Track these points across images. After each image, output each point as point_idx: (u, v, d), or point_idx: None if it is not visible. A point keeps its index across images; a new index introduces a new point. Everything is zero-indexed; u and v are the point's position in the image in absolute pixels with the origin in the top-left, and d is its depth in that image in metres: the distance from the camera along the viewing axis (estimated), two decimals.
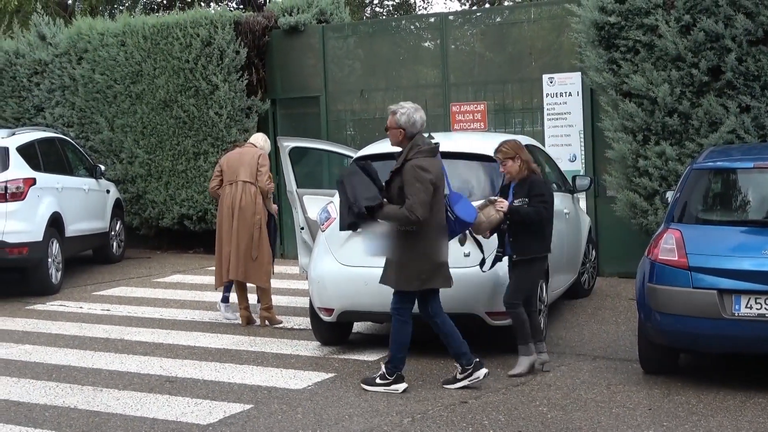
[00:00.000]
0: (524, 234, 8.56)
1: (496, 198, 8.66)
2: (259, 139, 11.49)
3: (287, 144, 11.27)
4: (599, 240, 13.23)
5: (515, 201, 8.54)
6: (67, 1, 29.04)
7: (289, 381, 8.66)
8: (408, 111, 8.14)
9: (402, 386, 8.22)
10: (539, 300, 9.36)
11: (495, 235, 8.72)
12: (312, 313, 9.75)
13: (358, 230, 8.37)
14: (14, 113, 17.88)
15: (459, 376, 8.30)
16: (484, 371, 8.28)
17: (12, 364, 9.62)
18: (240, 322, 11.12)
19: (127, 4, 27.82)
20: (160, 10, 25.14)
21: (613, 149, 12.26)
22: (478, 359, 8.32)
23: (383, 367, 8.28)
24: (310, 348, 9.86)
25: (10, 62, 17.93)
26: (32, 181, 13.24)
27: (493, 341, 9.48)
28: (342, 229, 8.36)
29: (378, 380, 8.27)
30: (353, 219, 8.02)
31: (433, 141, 8.37)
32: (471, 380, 8.24)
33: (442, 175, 8.10)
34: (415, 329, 8.33)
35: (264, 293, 10.98)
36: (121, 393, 8.45)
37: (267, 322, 10.96)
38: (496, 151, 8.69)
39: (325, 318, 9.52)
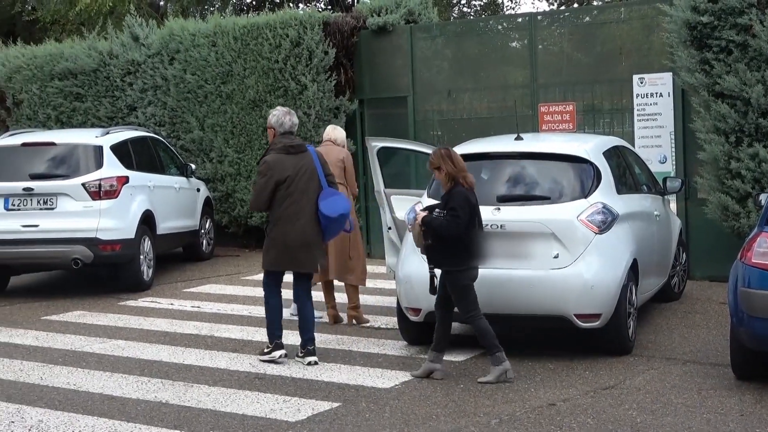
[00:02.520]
0: (441, 246, 8.49)
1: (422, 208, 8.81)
2: (338, 136, 11.44)
3: (375, 144, 11.31)
4: (690, 243, 13.04)
5: (435, 211, 8.53)
6: (160, 2, 29.51)
7: (377, 380, 8.70)
8: (278, 114, 9.52)
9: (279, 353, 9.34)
10: (629, 303, 9.29)
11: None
12: (399, 312, 9.79)
13: None
14: (108, 113, 18.20)
15: (266, 350, 9.45)
16: (281, 351, 9.32)
17: (105, 359, 9.82)
18: (327, 320, 11.20)
19: (217, 5, 28.15)
20: (250, 11, 25.39)
21: (705, 151, 12.09)
22: (313, 347, 9.29)
23: None
24: (397, 347, 9.89)
25: (104, 62, 18.25)
26: (125, 180, 13.46)
27: (580, 344, 9.43)
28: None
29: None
30: None
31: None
32: (270, 357, 9.33)
33: (291, 171, 9.16)
34: (499, 332, 8.31)
35: (353, 292, 11.03)
36: (211, 389, 8.57)
37: (354, 321, 11.02)
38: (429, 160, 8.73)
39: (413, 318, 9.55)
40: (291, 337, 9.73)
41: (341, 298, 11.40)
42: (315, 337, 9.44)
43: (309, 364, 9.24)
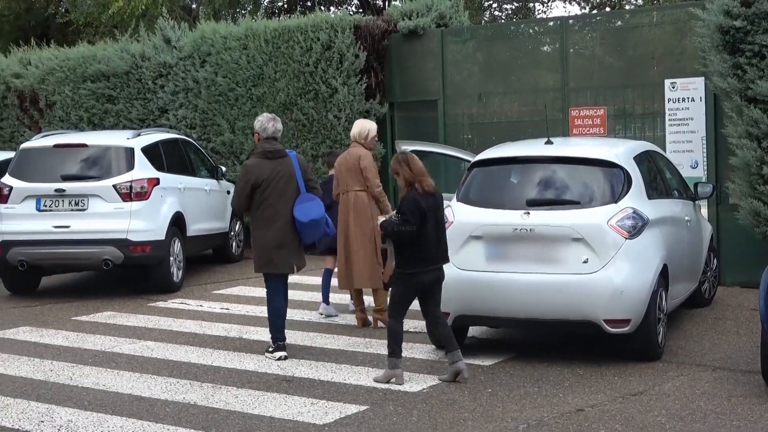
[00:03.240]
0: (396, 248, 8.71)
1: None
2: (354, 132, 11.27)
3: (405, 147, 11.33)
4: (721, 248, 12.95)
5: (393, 216, 8.82)
6: (192, 5, 29.65)
7: (405, 384, 8.69)
8: (263, 120, 9.94)
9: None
10: (659, 308, 9.23)
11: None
12: None
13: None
14: (139, 114, 18.30)
15: (269, 348, 9.82)
16: (281, 354, 9.64)
17: (134, 359, 9.87)
18: (343, 321, 11.21)
19: (249, 8, 28.26)
20: (281, 14, 25.47)
21: (737, 156, 12.00)
22: (282, 343, 9.72)
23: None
24: (425, 351, 9.88)
25: (136, 65, 18.35)
26: (156, 181, 13.52)
27: (609, 349, 9.38)
28: None
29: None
30: None
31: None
32: (270, 356, 9.69)
33: (268, 175, 9.57)
34: (527, 336, 8.28)
35: (378, 295, 11.03)
36: (239, 391, 8.59)
37: (380, 324, 11.02)
38: None
39: None
40: (320, 339, 9.73)
41: (370, 301, 11.41)
42: (285, 335, 9.87)
43: (278, 359, 9.65)
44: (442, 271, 8.80)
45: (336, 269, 11.44)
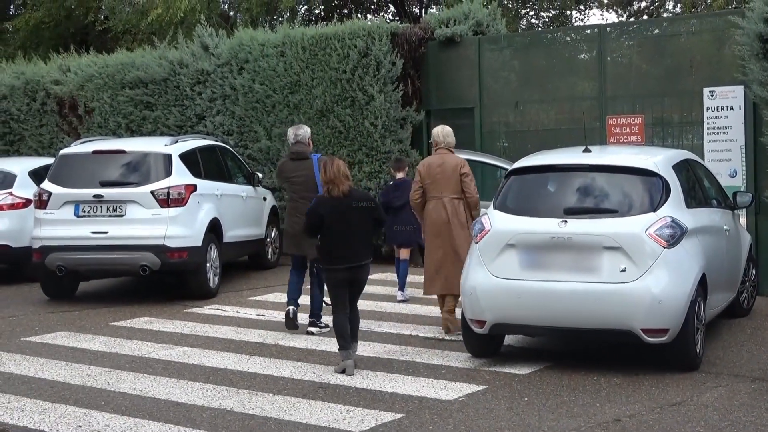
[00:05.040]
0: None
1: None
2: (451, 140, 11.25)
3: None
4: (759, 258, 12.85)
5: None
6: (229, 12, 29.80)
7: (440, 392, 8.68)
8: (290, 129, 11.62)
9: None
10: (697, 318, 9.16)
11: None
12: (464, 324, 9.75)
13: None
14: (177, 121, 18.40)
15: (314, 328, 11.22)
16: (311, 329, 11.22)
17: (171, 365, 9.91)
18: (378, 329, 11.20)
19: (286, 16, 28.36)
20: (318, 22, 25.56)
21: None
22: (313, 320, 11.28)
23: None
24: (461, 359, 9.85)
25: (174, 72, 18.46)
26: (193, 188, 13.58)
27: (647, 358, 9.32)
28: None
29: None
30: None
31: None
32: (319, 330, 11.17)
33: (292, 173, 11.29)
34: (564, 345, 8.25)
35: (453, 297, 10.89)
36: (275, 397, 8.61)
37: (449, 326, 10.91)
38: None
39: (477, 330, 9.51)
40: (373, 349, 9.72)
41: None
42: (319, 313, 11.34)
43: (308, 333, 11.18)
44: (363, 269, 9.50)
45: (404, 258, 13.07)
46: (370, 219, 9.53)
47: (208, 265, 13.69)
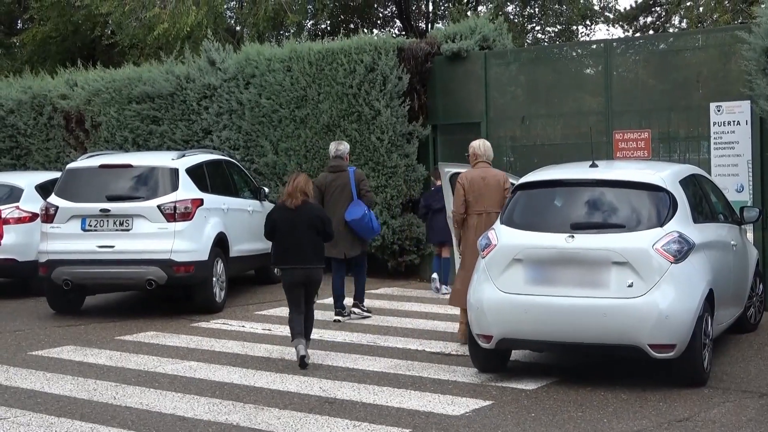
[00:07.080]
0: None
1: None
2: (490, 153, 11.25)
3: (448, 170, 11.31)
4: (767, 273, 12.82)
5: None
6: (236, 27, 29.86)
7: (447, 407, 8.66)
8: (330, 145, 13.24)
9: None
10: (704, 334, 9.14)
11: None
12: (470, 339, 9.73)
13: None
14: (183, 136, 18.42)
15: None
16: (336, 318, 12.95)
17: (177, 380, 9.90)
18: (385, 343, 11.19)
19: (293, 31, 28.42)
20: (325, 37, 25.61)
21: None
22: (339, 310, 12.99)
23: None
24: (467, 374, 9.83)
25: (180, 86, 18.48)
26: (200, 202, 13.59)
27: (654, 374, 9.29)
28: None
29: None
30: None
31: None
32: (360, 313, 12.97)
33: (328, 184, 12.79)
34: (568, 360, 8.22)
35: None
36: (281, 412, 8.59)
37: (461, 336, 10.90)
38: None
39: (484, 345, 9.49)
40: (362, 362, 9.71)
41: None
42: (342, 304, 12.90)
43: (349, 313, 13.04)
44: (314, 272, 10.51)
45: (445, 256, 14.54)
46: (316, 232, 10.54)
47: (214, 279, 13.69)
